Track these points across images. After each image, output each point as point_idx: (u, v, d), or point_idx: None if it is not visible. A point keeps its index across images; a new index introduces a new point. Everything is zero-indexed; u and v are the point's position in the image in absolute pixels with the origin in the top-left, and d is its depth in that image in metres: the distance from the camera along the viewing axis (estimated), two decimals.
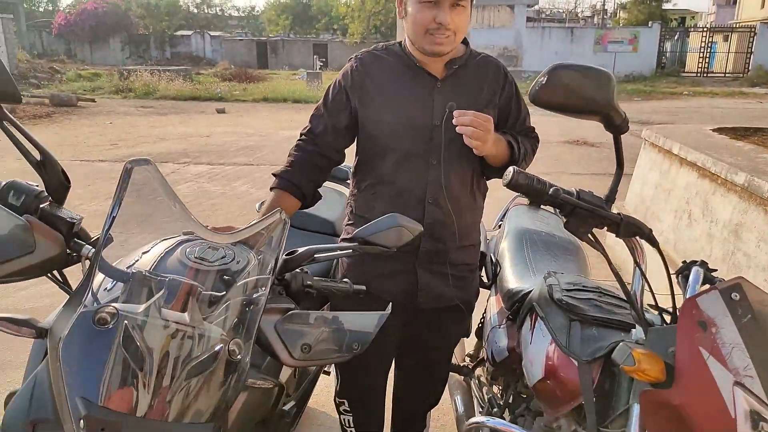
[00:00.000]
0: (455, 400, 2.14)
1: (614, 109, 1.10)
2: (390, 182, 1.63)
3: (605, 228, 1.13)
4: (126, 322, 0.90)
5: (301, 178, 1.66)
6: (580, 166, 8.32)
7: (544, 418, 1.47)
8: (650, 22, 30.80)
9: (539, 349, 1.39)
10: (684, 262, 1.24)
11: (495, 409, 1.73)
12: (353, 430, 1.92)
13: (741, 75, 28.30)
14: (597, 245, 1.15)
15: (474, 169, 1.63)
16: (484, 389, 2.00)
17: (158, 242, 1.25)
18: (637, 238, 1.15)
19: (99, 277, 1.07)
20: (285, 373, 1.84)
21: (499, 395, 1.85)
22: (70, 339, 0.90)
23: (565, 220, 1.13)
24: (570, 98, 1.10)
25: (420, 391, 1.94)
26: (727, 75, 29.36)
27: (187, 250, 1.20)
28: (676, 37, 34.40)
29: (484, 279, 2.13)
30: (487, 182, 1.73)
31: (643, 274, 1.18)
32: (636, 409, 1.07)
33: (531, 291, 1.64)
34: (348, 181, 2.05)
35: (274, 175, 1.69)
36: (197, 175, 7.72)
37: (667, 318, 1.19)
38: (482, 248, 2.15)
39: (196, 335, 0.96)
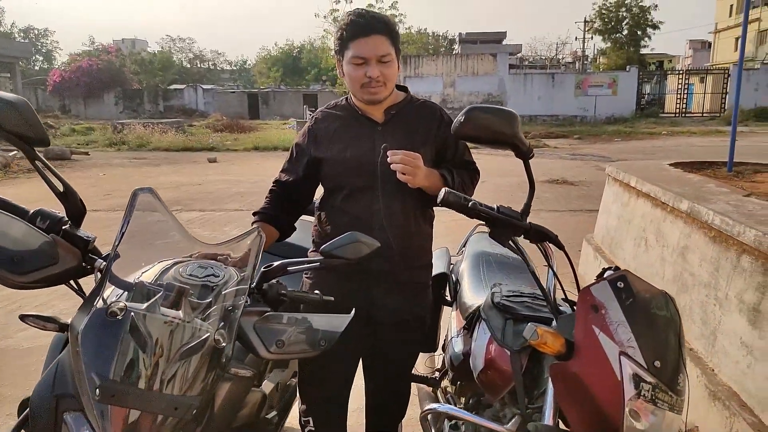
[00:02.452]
0: (422, 421, 2.33)
1: (519, 139, 1.38)
2: (343, 212, 1.89)
3: (522, 236, 1.39)
4: (133, 314, 1.13)
5: (277, 212, 1.97)
6: (558, 204, 8.63)
7: (491, 409, 1.68)
8: (628, 67, 31.89)
9: (481, 345, 1.63)
10: (603, 269, 1.50)
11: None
12: None
13: (718, 114, 29.23)
14: (517, 251, 1.41)
15: (415, 200, 1.87)
16: (450, 397, 2.21)
17: (156, 263, 1.49)
18: (549, 244, 1.41)
19: (108, 287, 1.31)
20: (268, 386, 2.06)
21: (460, 399, 2.06)
22: (87, 328, 1.12)
23: (489, 230, 1.39)
24: (483, 132, 1.38)
25: (387, 404, 2.13)
26: (704, 115, 30.31)
27: (180, 269, 1.45)
28: (654, 80, 35.67)
29: (448, 297, 2.37)
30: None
31: (555, 274, 1.43)
32: (550, 384, 1.30)
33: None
34: None
35: (253, 213, 1.99)
36: (188, 221, 7.96)
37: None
38: (446, 270, 2.41)
39: (189, 327, 1.20)
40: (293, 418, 2.31)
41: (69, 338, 1.18)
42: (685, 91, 31.89)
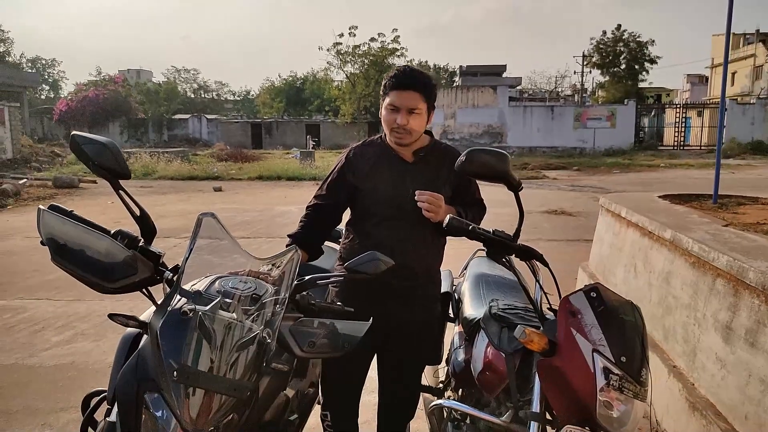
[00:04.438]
0: (429, 417, 2.58)
1: (510, 175, 1.68)
2: (372, 236, 2.18)
3: (513, 255, 1.68)
4: (201, 314, 1.41)
5: (308, 237, 2.24)
6: (556, 234, 8.92)
7: (489, 408, 1.94)
8: (626, 100, 32.53)
9: (480, 350, 1.89)
10: (585, 285, 1.78)
11: None
12: None
13: (715, 147, 29.69)
14: (510, 267, 1.70)
15: (433, 230, 2.16)
16: None
17: (202, 278, 1.77)
18: (535, 261, 1.70)
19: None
20: (290, 392, 2.32)
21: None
22: (165, 325, 1.40)
23: (486, 250, 1.67)
24: (481, 169, 1.68)
25: (398, 406, 2.38)
26: (702, 148, 30.81)
27: (223, 282, 1.73)
28: (652, 113, 36.33)
29: (451, 315, 2.63)
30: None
31: (541, 287, 1.71)
32: (537, 378, 1.57)
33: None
34: (340, 240, 2.63)
35: (288, 235, 2.27)
36: (198, 248, 8.21)
37: None
38: (449, 290, 2.67)
39: (242, 326, 1.47)
40: (310, 428, 2.56)
41: (149, 334, 1.45)
42: (683, 125, 32.48)
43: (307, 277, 1.82)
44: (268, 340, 1.51)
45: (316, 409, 2.68)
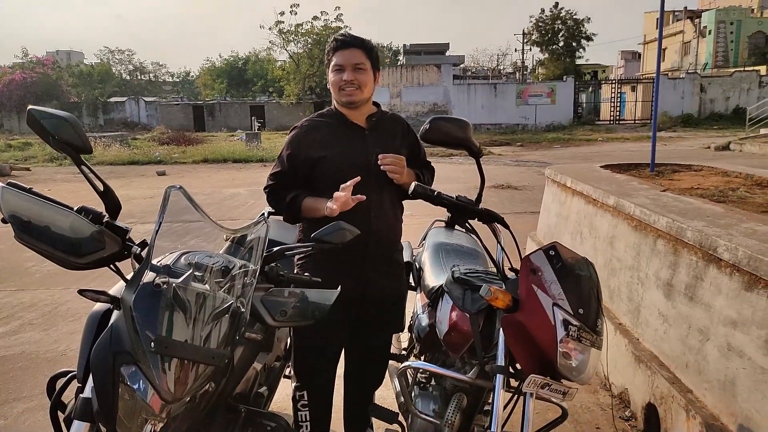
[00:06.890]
0: (394, 382, 2.66)
1: (472, 142, 1.76)
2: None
3: (476, 219, 1.76)
4: (174, 286, 1.42)
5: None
6: (504, 207, 9.16)
7: (453, 368, 2.03)
8: (565, 77, 33.36)
9: (445, 313, 1.97)
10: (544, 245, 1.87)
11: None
12: (308, 424, 2.34)
13: (648, 121, 30.95)
14: (471, 231, 1.77)
15: (395, 194, 2.21)
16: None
17: (167, 254, 1.77)
18: (496, 224, 1.78)
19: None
20: (258, 366, 2.34)
21: None
22: (139, 298, 1.40)
23: (449, 217, 1.74)
24: (443, 137, 1.75)
25: (368, 373, 2.45)
26: (636, 122, 32.03)
27: (189, 257, 1.73)
28: (590, 90, 37.39)
29: (412, 283, 2.71)
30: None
31: (502, 248, 1.80)
32: (501, 333, 1.66)
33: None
34: None
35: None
36: (146, 233, 8.01)
37: None
38: (410, 260, 2.74)
39: (216, 296, 1.49)
40: (276, 401, 2.59)
41: (122, 308, 1.45)
42: (618, 100, 33.64)
43: (275, 249, 1.85)
44: (242, 310, 1.54)
45: (284, 382, 2.72)
